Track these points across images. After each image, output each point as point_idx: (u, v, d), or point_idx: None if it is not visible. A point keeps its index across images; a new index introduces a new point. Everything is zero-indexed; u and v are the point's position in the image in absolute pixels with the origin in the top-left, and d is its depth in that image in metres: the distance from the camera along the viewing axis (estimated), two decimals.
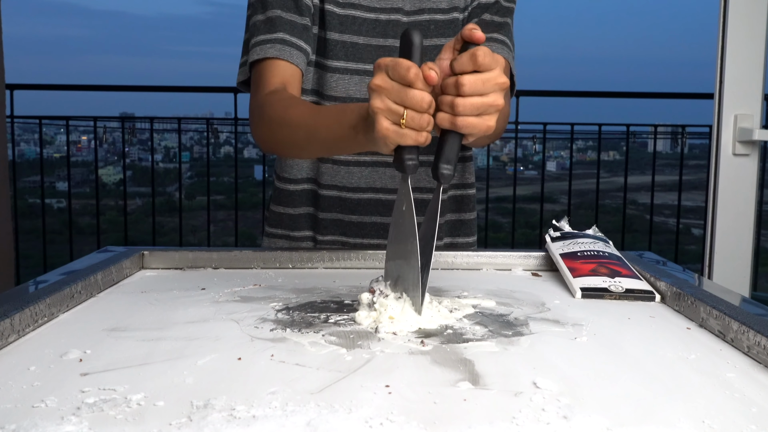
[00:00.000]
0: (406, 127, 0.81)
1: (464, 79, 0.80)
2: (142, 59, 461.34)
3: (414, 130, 0.81)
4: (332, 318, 0.88)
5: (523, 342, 0.80)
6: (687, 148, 4.59)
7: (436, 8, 1.28)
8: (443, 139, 0.85)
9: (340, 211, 1.32)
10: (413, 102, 0.80)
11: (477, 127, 0.82)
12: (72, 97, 31.12)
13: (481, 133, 0.83)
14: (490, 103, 0.82)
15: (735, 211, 2.39)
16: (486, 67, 0.81)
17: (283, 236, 1.36)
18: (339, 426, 0.56)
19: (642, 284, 1.03)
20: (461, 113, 0.81)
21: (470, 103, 0.81)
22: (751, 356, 0.77)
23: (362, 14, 1.26)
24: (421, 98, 0.79)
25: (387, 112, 0.81)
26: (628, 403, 0.62)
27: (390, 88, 0.80)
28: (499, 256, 1.21)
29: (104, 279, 1.03)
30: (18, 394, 0.63)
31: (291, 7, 1.22)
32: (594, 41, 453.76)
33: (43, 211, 4.35)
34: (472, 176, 1.39)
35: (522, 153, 6.88)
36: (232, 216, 4.57)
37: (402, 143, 0.82)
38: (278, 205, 1.36)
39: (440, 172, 0.84)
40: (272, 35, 1.19)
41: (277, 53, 1.17)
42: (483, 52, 0.81)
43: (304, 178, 1.33)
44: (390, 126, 0.81)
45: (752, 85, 2.35)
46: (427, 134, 0.82)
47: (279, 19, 1.20)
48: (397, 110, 0.80)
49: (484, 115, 0.82)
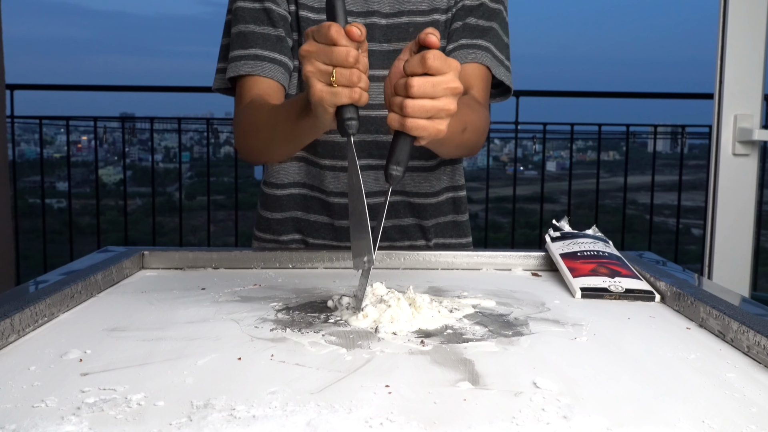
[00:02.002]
0: (338, 85, 0.82)
1: (413, 80, 0.81)
2: (142, 59, 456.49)
3: (346, 87, 0.82)
4: (332, 318, 0.88)
5: (523, 342, 0.80)
6: (687, 148, 4.59)
7: (416, 10, 1.26)
8: (395, 141, 0.85)
9: (328, 215, 1.32)
10: (339, 58, 0.81)
11: (426, 130, 0.83)
12: (72, 97, 31.14)
13: (431, 136, 0.84)
14: (440, 107, 0.82)
15: (735, 211, 2.39)
16: (436, 70, 0.81)
17: (272, 240, 1.36)
18: (339, 426, 0.56)
19: (642, 284, 1.03)
20: (410, 115, 0.82)
21: (419, 105, 0.81)
22: (750, 356, 0.77)
23: None
24: (347, 53, 0.81)
25: (317, 74, 0.83)
26: (628, 403, 0.62)
27: (317, 50, 0.83)
28: (499, 256, 1.21)
29: (104, 279, 1.03)
30: (18, 394, 0.63)
31: (264, 20, 1.23)
32: (594, 41, 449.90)
33: (43, 211, 4.35)
34: (462, 178, 1.40)
35: (522, 153, 6.88)
36: (232, 216, 4.57)
37: (337, 102, 0.83)
38: (266, 210, 1.36)
39: (389, 173, 0.85)
40: (246, 51, 1.22)
41: (250, 70, 1.21)
42: (433, 55, 0.81)
43: (291, 182, 1.33)
44: (323, 87, 0.83)
45: (752, 85, 2.35)
46: (362, 91, 0.83)
47: (252, 34, 1.22)
48: (326, 69, 0.82)
49: (435, 118, 0.83)
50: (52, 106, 39.40)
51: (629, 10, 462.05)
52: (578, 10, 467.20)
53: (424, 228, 1.35)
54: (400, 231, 1.33)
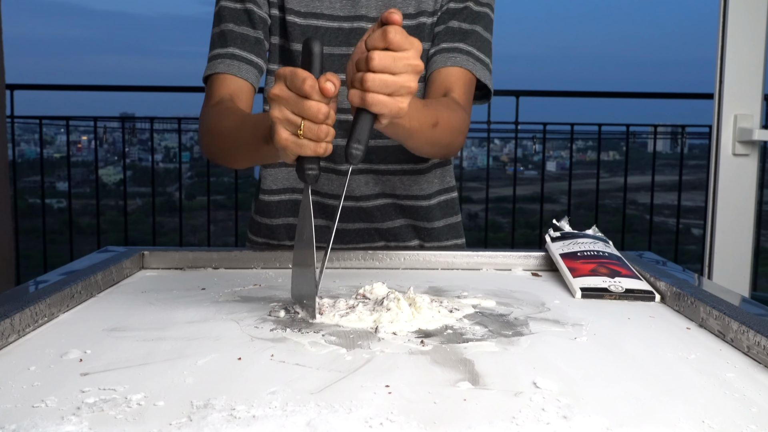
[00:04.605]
0: (303, 138, 0.81)
1: (374, 53, 0.80)
2: (142, 59, 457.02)
3: (312, 141, 0.81)
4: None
5: (523, 342, 0.80)
6: (687, 148, 4.59)
7: (403, 13, 1.25)
8: (356, 119, 0.84)
9: (324, 218, 1.31)
10: (310, 113, 0.80)
11: (387, 106, 0.82)
12: (72, 97, 31.13)
13: (391, 113, 0.83)
14: (401, 83, 0.81)
15: (735, 211, 2.39)
16: (397, 45, 0.80)
17: (264, 244, 1.36)
18: (339, 426, 0.56)
19: (642, 284, 1.03)
20: (370, 89, 0.80)
21: (380, 79, 0.80)
22: (750, 356, 0.77)
23: (325, 23, 1.25)
24: (317, 110, 0.80)
25: (285, 123, 0.81)
26: (628, 403, 0.62)
27: (288, 98, 0.81)
28: (499, 256, 1.21)
29: (104, 279, 1.03)
30: (18, 394, 0.63)
31: (244, 20, 1.23)
32: (594, 41, 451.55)
33: (43, 211, 4.35)
34: (453, 180, 1.39)
35: (522, 153, 6.88)
36: (232, 216, 4.57)
37: (301, 153, 0.83)
38: (258, 215, 1.36)
39: (349, 151, 0.83)
40: (224, 50, 1.22)
41: (225, 68, 1.21)
42: (395, 30, 0.80)
43: (282, 188, 1.33)
44: (289, 136, 0.82)
45: (752, 85, 2.35)
46: (327, 145, 0.82)
47: (231, 33, 1.23)
48: (294, 120, 0.81)
49: (396, 95, 0.82)
50: (52, 106, 39.40)
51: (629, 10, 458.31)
52: (578, 10, 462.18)
53: (417, 229, 1.34)
54: (394, 233, 1.33)
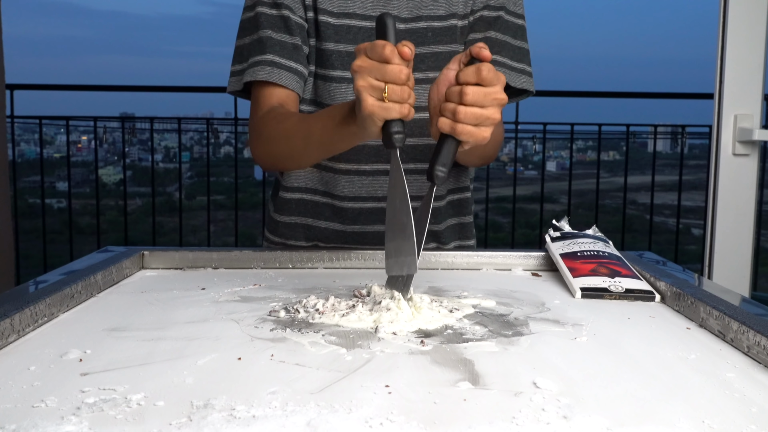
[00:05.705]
0: (389, 101, 0.87)
1: (468, 89, 0.87)
2: (142, 59, 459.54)
3: (397, 103, 0.87)
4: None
5: (523, 342, 0.80)
6: (687, 148, 4.59)
7: (434, 15, 1.26)
8: (441, 144, 0.91)
9: (340, 221, 1.31)
10: (392, 76, 0.86)
11: (474, 136, 0.89)
12: (72, 97, 31.13)
13: (476, 142, 0.90)
14: (488, 115, 0.88)
15: (735, 211, 2.39)
16: (488, 82, 0.88)
17: (280, 244, 1.36)
18: (339, 426, 0.56)
19: (642, 284, 1.03)
20: (461, 120, 0.88)
21: (471, 113, 0.88)
22: (750, 356, 0.77)
23: (357, 23, 1.25)
24: (399, 71, 0.86)
25: (370, 89, 0.87)
26: (628, 403, 0.62)
27: (370, 66, 0.87)
28: (499, 256, 1.21)
29: (104, 279, 1.03)
30: (18, 394, 0.63)
31: (281, 27, 1.23)
32: (594, 41, 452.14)
33: (43, 211, 4.35)
34: (468, 180, 1.39)
35: (522, 153, 6.87)
36: (232, 216, 4.57)
37: (387, 117, 0.88)
38: (279, 214, 1.36)
39: (435, 173, 0.90)
40: (262, 56, 1.22)
41: (266, 76, 1.21)
42: (487, 68, 0.88)
43: (302, 187, 1.33)
44: (375, 102, 0.87)
45: (752, 85, 2.35)
46: (410, 107, 0.89)
47: (269, 39, 1.22)
48: (378, 86, 0.87)
49: (482, 126, 0.89)
50: (52, 106, 39.40)
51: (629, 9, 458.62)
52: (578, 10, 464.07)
53: (435, 232, 1.33)
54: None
